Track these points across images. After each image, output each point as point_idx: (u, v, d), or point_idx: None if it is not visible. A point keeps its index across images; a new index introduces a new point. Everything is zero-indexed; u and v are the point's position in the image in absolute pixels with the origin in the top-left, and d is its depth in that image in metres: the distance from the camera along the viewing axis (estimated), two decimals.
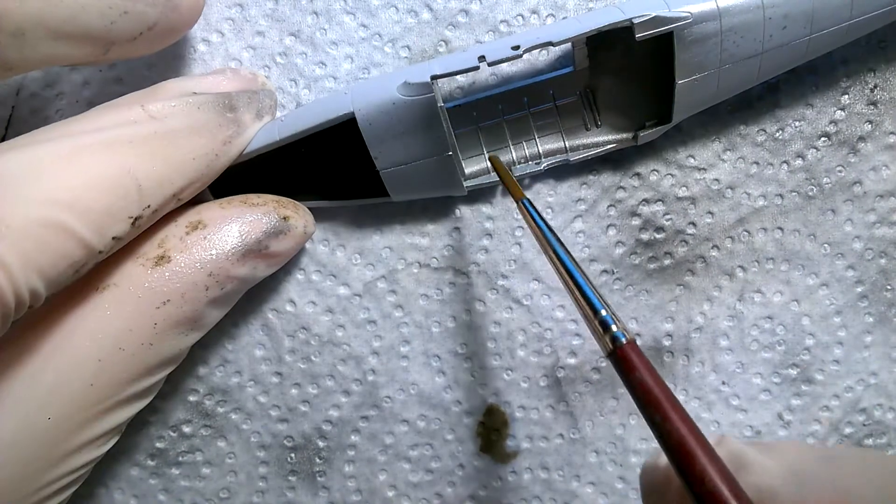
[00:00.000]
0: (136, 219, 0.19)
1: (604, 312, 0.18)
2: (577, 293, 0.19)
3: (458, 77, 0.25)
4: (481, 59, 0.22)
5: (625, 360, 0.17)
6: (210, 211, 0.22)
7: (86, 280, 0.21)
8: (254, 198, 0.23)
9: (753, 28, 0.23)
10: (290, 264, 0.26)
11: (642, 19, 0.22)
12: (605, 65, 0.26)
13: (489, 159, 0.25)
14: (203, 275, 0.21)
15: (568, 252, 0.20)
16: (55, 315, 0.21)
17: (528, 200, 0.22)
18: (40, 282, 0.17)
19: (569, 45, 0.25)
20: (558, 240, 0.20)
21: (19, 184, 0.17)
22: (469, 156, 0.26)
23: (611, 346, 0.17)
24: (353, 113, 0.22)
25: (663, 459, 0.18)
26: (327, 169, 0.24)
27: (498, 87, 0.26)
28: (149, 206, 0.20)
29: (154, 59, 0.25)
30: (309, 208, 0.25)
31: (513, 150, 0.26)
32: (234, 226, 0.22)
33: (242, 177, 0.24)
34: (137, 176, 0.19)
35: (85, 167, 0.18)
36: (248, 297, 0.26)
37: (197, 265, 0.21)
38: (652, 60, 0.24)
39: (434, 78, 0.22)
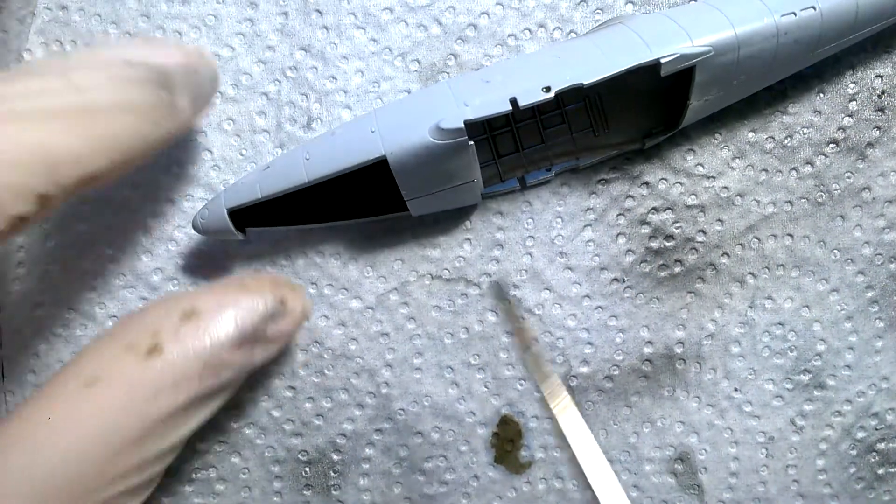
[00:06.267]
0: (44, 197, 0.18)
1: None
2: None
3: None
4: (513, 102, 0.22)
5: None
6: (204, 299, 0.21)
7: (74, 372, 0.20)
8: (249, 281, 0.23)
9: (767, 52, 0.23)
10: (300, 278, 0.26)
11: (669, 59, 0.22)
12: None
13: (500, 305, 0.26)
14: (197, 365, 0.20)
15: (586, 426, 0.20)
16: (42, 410, 0.20)
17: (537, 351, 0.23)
18: None
19: None
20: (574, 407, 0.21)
21: None
22: (481, 163, 0.26)
23: None
24: (384, 156, 0.22)
25: None
26: (346, 191, 0.24)
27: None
28: (58, 183, 0.18)
29: None
30: (327, 228, 0.25)
31: (524, 156, 0.26)
32: (230, 312, 0.21)
33: (261, 207, 0.24)
34: (50, 151, 0.18)
35: None
36: None
37: (190, 354, 0.20)
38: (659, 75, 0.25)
39: (468, 123, 0.22)
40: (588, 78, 0.22)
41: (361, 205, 0.24)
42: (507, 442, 0.27)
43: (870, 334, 0.27)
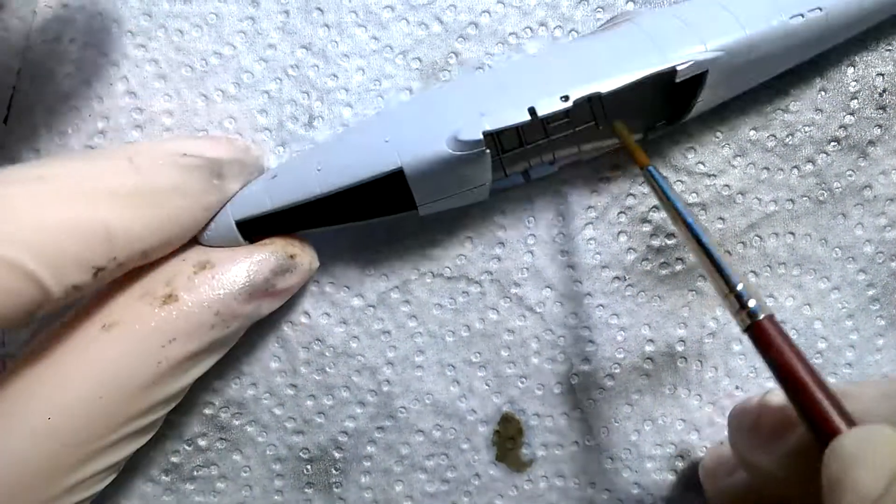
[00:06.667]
0: (99, 270, 0.19)
1: (740, 287, 0.18)
2: (711, 266, 0.19)
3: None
4: (531, 111, 0.22)
5: (762, 335, 0.17)
6: (218, 251, 0.23)
7: (92, 317, 0.21)
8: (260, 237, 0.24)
9: (775, 53, 0.23)
10: None
11: (685, 66, 0.22)
12: None
13: (613, 126, 0.25)
14: (210, 314, 0.21)
15: (700, 224, 0.20)
16: (59, 351, 0.20)
17: (654, 168, 0.22)
18: None
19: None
20: (690, 212, 0.20)
21: None
22: None
23: (748, 321, 0.18)
24: (401, 167, 0.22)
25: (750, 406, 0.19)
26: (354, 194, 0.23)
27: None
28: (115, 259, 0.19)
29: (166, 70, 0.26)
30: (335, 231, 0.25)
31: (527, 151, 0.26)
32: (242, 265, 0.22)
33: (268, 215, 0.23)
34: (110, 228, 0.19)
35: (57, 212, 0.18)
36: None
37: (204, 304, 0.21)
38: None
39: (485, 134, 0.22)
40: (605, 85, 0.22)
41: (368, 206, 0.24)
42: (508, 440, 0.27)
43: (871, 332, 0.27)
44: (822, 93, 0.26)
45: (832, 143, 0.26)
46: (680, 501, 0.28)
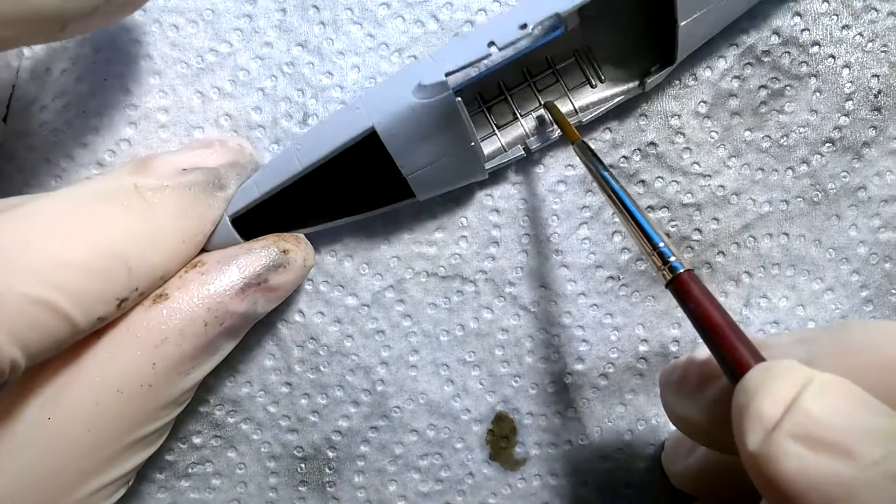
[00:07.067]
0: (122, 301, 0.20)
1: (662, 245, 0.19)
2: (635, 228, 0.20)
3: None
4: (491, 45, 0.22)
5: (682, 288, 0.18)
6: (209, 252, 0.23)
7: None
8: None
9: None
10: None
11: None
12: (596, 18, 0.25)
13: (545, 106, 0.25)
14: (202, 311, 0.21)
15: (624, 189, 0.21)
16: (55, 360, 0.20)
17: (584, 141, 0.23)
18: (22, 356, 0.17)
19: None
20: (614, 178, 0.21)
21: (11, 257, 0.18)
22: (482, 137, 0.26)
23: (669, 275, 0.19)
24: (372, 127, 0.22)
25: (678, 363, 0.20)
26: (348, 183, 0.24)
27: (495, 64, 0.25)
28: (136, 289, 0.20)
29: (161, 66, 0.25)
30: (336, 227, 0.25)
31: (523, 124, 0.26)
32: (233, 261, 0.22)
33: (264, 209, 0.24)
34: (128, 259, 0.19)
35: (77, 247, 0.19)
36: None
37: (195, 301, 0.21)
38: (644, 4, 0.24)
39: (448, 75, 0.21)
40: (563, 6, 0.22)
41: (366, 198, 0.24)
42: (501, 439, 0.28)
43: None
44: (818, 94, 0.26)
45: (827, 145, 0.26)
46: (671, 502, 0.28)
